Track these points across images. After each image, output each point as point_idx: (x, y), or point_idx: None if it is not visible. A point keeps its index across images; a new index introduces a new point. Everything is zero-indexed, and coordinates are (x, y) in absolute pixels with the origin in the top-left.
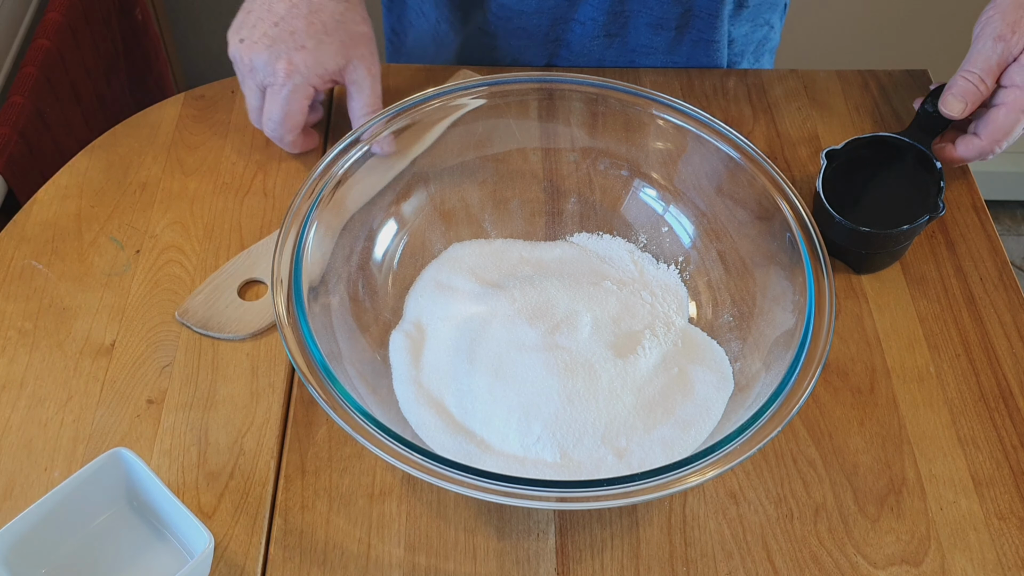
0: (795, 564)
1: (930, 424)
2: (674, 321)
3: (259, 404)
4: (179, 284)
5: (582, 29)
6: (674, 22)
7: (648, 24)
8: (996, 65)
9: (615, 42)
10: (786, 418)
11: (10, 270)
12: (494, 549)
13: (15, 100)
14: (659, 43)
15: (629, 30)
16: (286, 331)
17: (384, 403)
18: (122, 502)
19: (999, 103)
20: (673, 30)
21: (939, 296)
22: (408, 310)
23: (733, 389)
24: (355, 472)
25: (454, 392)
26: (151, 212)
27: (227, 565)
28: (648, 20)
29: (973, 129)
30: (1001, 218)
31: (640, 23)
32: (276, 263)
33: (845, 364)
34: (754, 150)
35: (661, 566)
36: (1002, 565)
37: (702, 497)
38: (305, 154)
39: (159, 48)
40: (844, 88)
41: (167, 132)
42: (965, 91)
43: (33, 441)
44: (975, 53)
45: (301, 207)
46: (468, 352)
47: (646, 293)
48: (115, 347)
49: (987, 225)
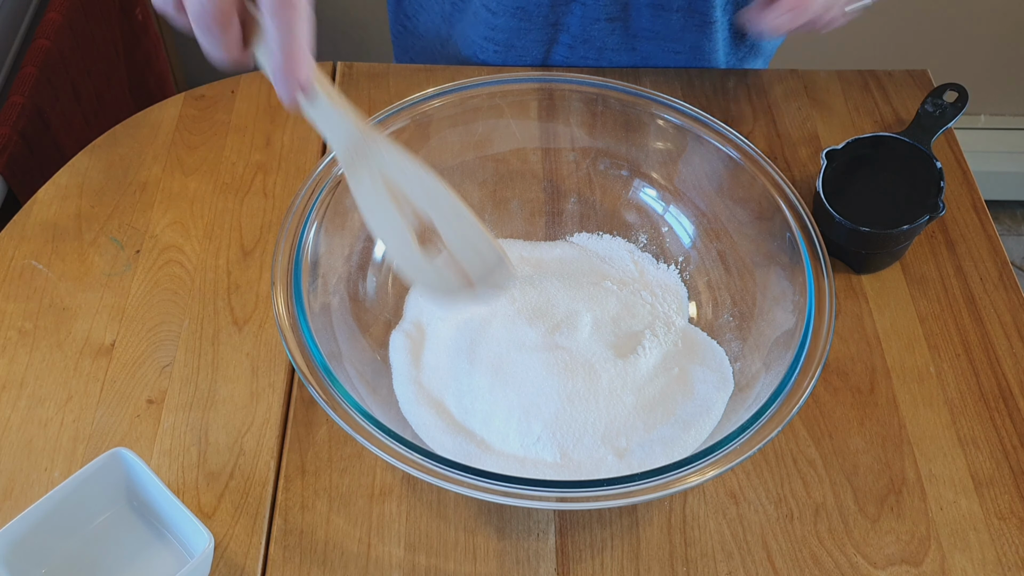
0: (795, 564)
1: (930, 424)
2: (674, 321)
3: (259, 404)
4: (179, 284)
5: (583, 10)
6: (675, 2)
7: (649, 5)
8: None
9: (616, 27)
10: (786, 418)
11: (10, 270)
12: (494, 549)
13: (15, 100)
14: (660, 26)
15: (631, 12)
16: (286, 331)
17: (384, 403)
18: (122, 502)
19: None
20: (674, 11)
21: (939, 296)
22: (408, 310)
23: (733, 389)
24: (355, 472)
25: (454, 392)
26: (151, 212)
27: (227, 565)
28: (649, 1)
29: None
30: (1001, 218)
31: (641, 3)
32: (276, 263)
33: (845, 364)
34: (754, 150)
35: (661, 566)
36: (1002, 565)
37: (702, 497)
38: (305, 154)
39: (159, 48)
40: (844, 88)
41: (167, 132)
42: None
43: (33, 441)
44: None
45: (301, 207)
46: (468, 352)
47: (646, 293)
48: (115, 347)
49: (987, 225)
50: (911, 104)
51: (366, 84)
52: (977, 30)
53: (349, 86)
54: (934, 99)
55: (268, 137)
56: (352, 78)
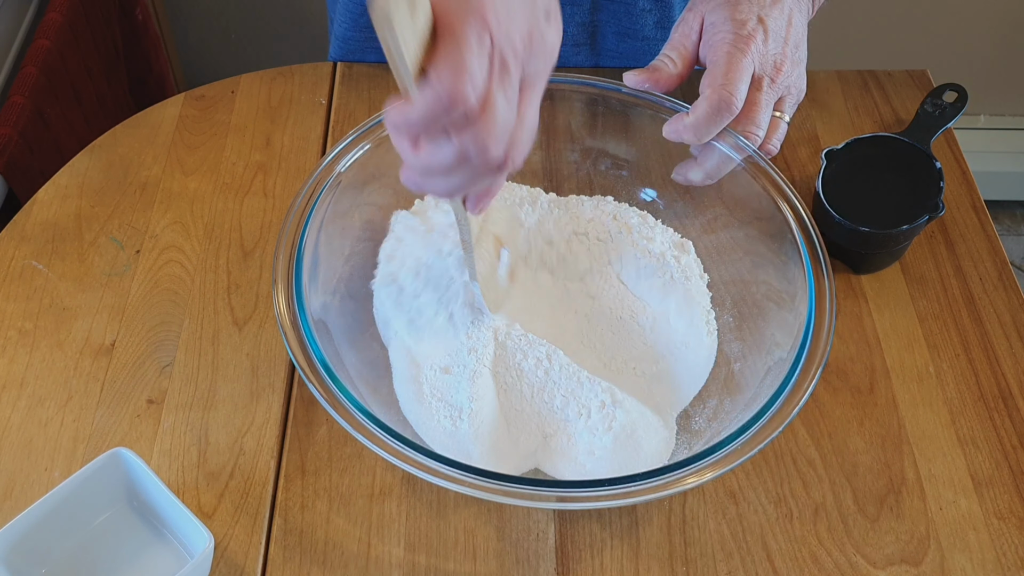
0: (795, 564)
1: (930, 424)
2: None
3: (259, 404)
4: (179, 284)
5: None
6: (643, 31)
7: (616, 33)
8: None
9: (582, 50)
10: (786, 419)
11: (10, 270)
12: (494, 549)
13: (15, 100)
14: (626, 49)
15: (599, 39)
16: (287, 330)
17: (384, 403)
18: (122, 502)
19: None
20: (639, 40)
21: (939, 296)
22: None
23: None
24: (355, 472)
25: (454, 391)
26: (151, 212)
27: (227, 565)
28: (616, 30)
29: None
30: (1001, 218)
31: (608, 31)
32: (276, 263)
33: (845, 364)
34: (754, 150)
35: (661, 566)
36: (1002, 565)
37: (702, 497)
38: (305, 154)
39: (159, 48)
40: (844, 88)
41: (167, 132)
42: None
43: (33, 441)
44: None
45: (301, 207)
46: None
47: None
48: (115, 347)
49: (987, 225)
50: (911, 104)
51: (366, 84)
52: (977, 30)
53: (349, 86)
54: (934, 99)
55: (268, 137)
56: (352, 78)
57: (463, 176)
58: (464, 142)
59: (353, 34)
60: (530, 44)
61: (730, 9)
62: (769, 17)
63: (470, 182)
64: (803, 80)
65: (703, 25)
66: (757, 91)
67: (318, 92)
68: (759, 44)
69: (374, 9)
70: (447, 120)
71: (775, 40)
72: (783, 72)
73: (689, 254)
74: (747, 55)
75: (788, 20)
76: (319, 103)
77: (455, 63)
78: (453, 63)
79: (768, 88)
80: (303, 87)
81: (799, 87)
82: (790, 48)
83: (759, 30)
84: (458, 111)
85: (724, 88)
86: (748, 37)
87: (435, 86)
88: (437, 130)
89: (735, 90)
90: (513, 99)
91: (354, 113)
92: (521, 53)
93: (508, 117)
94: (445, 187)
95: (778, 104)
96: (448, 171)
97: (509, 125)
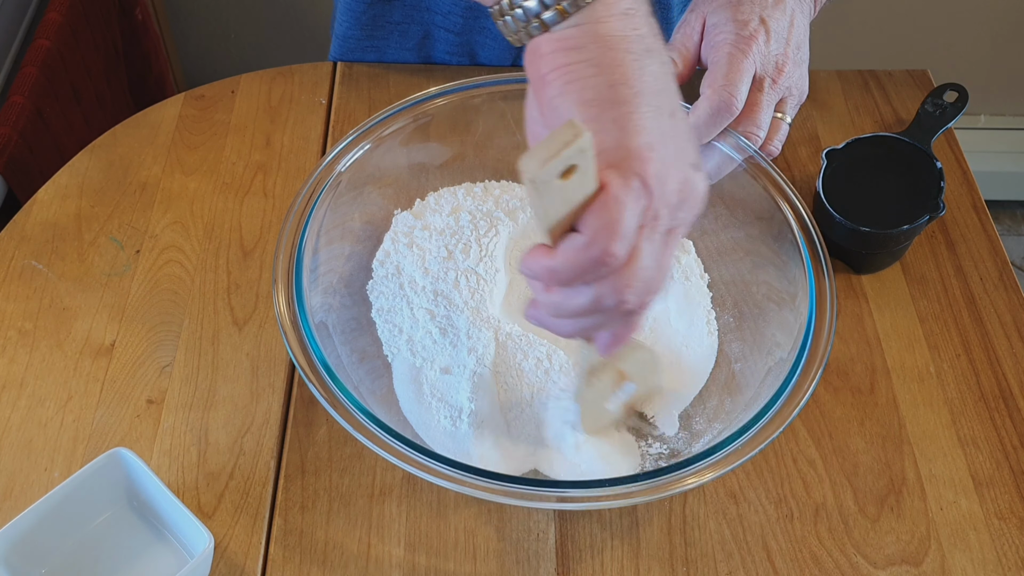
0: (795, 564)
1: (930, 424)
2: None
3: (259, 404)
4: (179, 284)
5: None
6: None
7: None
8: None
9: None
10: (787, 419)
11: (10, 270)
12: (494, 549)
13: (15, 100)
14: None
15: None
16: (287, 330)
17: (384, 403)
18: (122, 502)
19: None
20: None
21: (939, 296)
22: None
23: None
24: (355, 472)
25: (454, 391)
26: (151, 212)
27: (227, 565)
28: None
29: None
30: (1001, 218)
31: None
32: (276, 263)
33: (845, 364)
34: (754, 150)
35: (661, 566)
36: (1002, 565)
37: (702, 497)
38: (305, 154)
39: (159, 48)
40: (844, 88)
41: (167, 132)
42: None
43: (33, 441)
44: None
45: (301, 207)
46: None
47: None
48: (115, 347)
49: (987, 225)
50: (911, 104)
51: (366, 84)
52: (977, 30)
53: (349, 86)
54: (934, 99)
55: (268, 137)
56: (352, 78)
57: (595, 320)
58: (602, 289)
59: (354, 32)
60: (682, 195)
61: (732, 10)
62: (771, 18)
63: (600, 326)
64: (805, 81)
65: (705, 26)
66: (758, 92)
67: (318, 92)
68: (761, 45)
69: (522, 172)
70: (592, 276)
71: (777, 41)
72: (785, 73)
73: (689, 254)
74: (748, 56)
75: (790, 21)
76: (319, 103)
77: (610, 224)
78: (608, 224)
79: (769, 89)
80: (303, 87)
81: (801, 88)
82: (792, 49)
83: (761, 31)
84: (606, 269)
85: (724, 89)
86: (750, 38)
87: (587, 245)
88: (578, 280)
89: (735, 91)
90: (659, 250)
91: (354, 113)
92: (675, 206)
93: (651, 267)
94: (574, 328)
95: (780, 105)
96: (580, 315)
97: (651, 275)
